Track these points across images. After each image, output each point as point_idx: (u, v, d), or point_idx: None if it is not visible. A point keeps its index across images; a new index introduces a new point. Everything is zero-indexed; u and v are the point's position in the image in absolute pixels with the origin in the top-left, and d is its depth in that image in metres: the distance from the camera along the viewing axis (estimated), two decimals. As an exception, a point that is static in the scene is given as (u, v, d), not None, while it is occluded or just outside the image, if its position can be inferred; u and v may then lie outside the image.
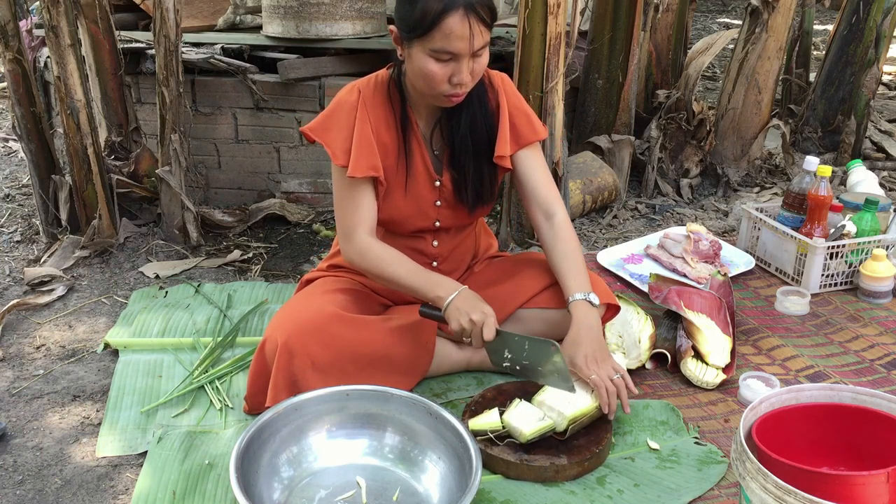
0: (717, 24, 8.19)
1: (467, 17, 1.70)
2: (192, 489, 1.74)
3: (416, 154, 1.97)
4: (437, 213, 2.04)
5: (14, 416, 2.03)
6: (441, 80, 1.77)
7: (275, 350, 1.86)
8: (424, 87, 1.82)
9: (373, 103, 1.92)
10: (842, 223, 2.65)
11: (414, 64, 1.79)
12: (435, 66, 1.75)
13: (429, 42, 1.73)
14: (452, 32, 1.70)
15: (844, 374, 2.19)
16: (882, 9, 3.87)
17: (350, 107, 1.91)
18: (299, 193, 3.38)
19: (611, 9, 3.52)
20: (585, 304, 1.92)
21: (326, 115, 1.94)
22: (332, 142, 1.91)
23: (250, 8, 3.76)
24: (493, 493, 1.72)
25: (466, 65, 1.76)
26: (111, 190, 2.93)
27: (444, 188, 2.01)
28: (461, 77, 1.77)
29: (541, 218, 2.05)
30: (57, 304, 2.58)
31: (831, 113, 4.07)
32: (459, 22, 1.70)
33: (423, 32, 1.72)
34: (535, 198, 2.05)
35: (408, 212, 2.00)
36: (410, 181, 1.98)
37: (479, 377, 2.14)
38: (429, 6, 1.70)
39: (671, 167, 3.63)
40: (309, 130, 1.94)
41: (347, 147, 1.90)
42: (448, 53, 1.73)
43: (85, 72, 2.84)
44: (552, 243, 2.03)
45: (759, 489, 1.38)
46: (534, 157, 2.06)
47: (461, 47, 1.73)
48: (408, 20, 1.74)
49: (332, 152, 1.91)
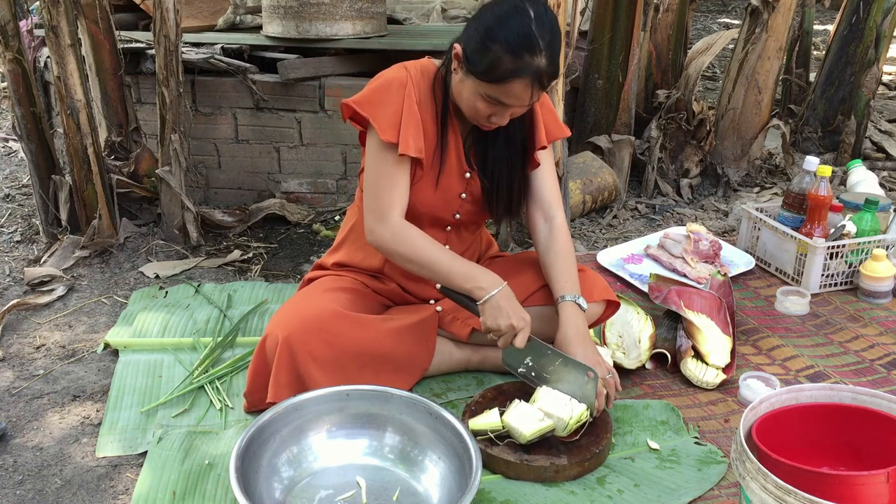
0: (717, 24, 8.19)
1: (532, 85, 1.73)
2: (192, 489, 1.74)
3: (451, 145, 1.97)
4: (460, 205, 2.03)
5: (14, 416, 2.03)
6: (482, 115, 1.82)
7: (275, 346, 1.86)
8: (463, 108, 1.86)
9: (419, 86, 1.91)
10: (842, 223, 2.65)
11: (465, 90, 1.82)
12: (482, 105, 1.79)
13: (487, 88, 1.76)
14: (513, 93, 1.75)
15: (844, 374, 2.19)
16: (882, 9, 3.87)
17: (399, 84, 1.87)
18: (299, 193, 3.38)
19: (611, 9, 3.52)
20: (575, 306, 1.93)
21: (373, 89, 1.88)
22: (379, 116, 1.85)
23: (250, 8, 3.76)
24: (493, 493, 1.72)
25: (510, 112, 1.81)
26: (111, 190, 2.93)
27: (472, 182, 2.01)
28: (501, 121, 1.83)
29: (540, 219, 2.06)
30: (57, 304, 2.58)
31: (831, 113, 4.07)
32: (524, 88, 1.74)
33: (486, 80, 1.75)
34: (539, 198, 2.06)
35: (434, 200, 1.99)
36: (443, 170, 1.97)
37: (479, 377, 2.14)
38: (501, 63, 1.71)
39: (671, 167, 3.63)
40: (354, 104, 1.87)
41: (395, 122, 1.85)
42: (501, 104, 1.78)
43: (85, 72, 2.84)
44: (547, 243, 2.04)
45: (759, 489, 1.38)
46: (547, 157, 2.07)
47: (515, 105, 1.78)
48: (475, 61, 1.75)
49: (380, 126, 1.84)
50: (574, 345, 1.87)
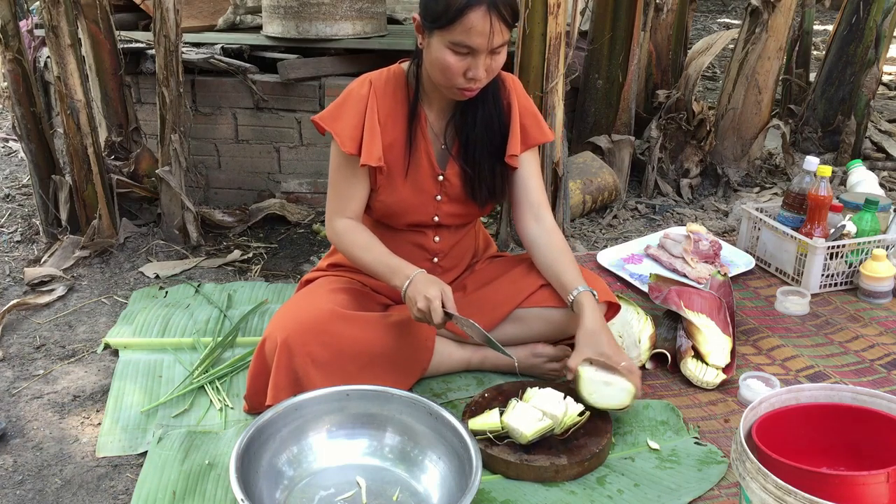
0: (717, 24, 8.19)
1: (489, 13, 1.73)
2: (192, 489, 1.74)
3: (420, 148, 1.99)
4: (437, 207, 2.04)
5: (14, 416, 2.03)
6: (457, 73, 1.80)
7: (274, 349, 1.86)
8: (440, 78, 1.84)
9: (383, 95, 1.96)
10: (842, 223, 2.65)
11: (432, 54, 1.81)
12: (452, 59, 1.78)
13: (449, 34, 1.75)
14: (473, 27, 1.73)
15: (844, 374, 2.19)
16: (882, 9, 3.87)
17: (360, 98, 1.94)
18: (299, 193, 3.38)
19: (611, 9, 3.52)
20: (591, 297, 1.94)
21: (337, 105, 1.97)
22: (341, 130, 1.93)
23: (250, 8, 3.76)
24: (493, 493, 1.72)
25: (483, 61, 1.79)
26: (111, 190, 2.93)
27: (447, 183, 2.02)
28: (477, 72, 1.80)
29: (531, 220, 2.07)
30: (57, 304, 2.58)
31: (831, 113, 4.07)
32: (481, 18, 1.73)
33: (444, 24, 1.75)
34: (528, 200, 2.06)
35: (407, 204, 2.02)
36: (412, 174, 1.99)
37: (479, 377, 2.14)
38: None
39: (671, 167, 3.63)
40: (319, 119, 1.97)
41: (355, 136, 1.93)
42: (466, 47, 1.76)
43: (85, 72, 2.84)
44: (544, 241, 2.04)
45: (759, 489, 1.38)
46: (533, 160, 2.09)
47: (480, 43, 1.75)
48: (431, 10, 1.77)
49: (341, 140, 1.92)
50: (604, 333, 1.89)
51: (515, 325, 2.08)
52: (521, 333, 2.08)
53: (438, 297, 1.82)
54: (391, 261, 1.93)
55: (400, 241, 2.06)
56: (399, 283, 1.88)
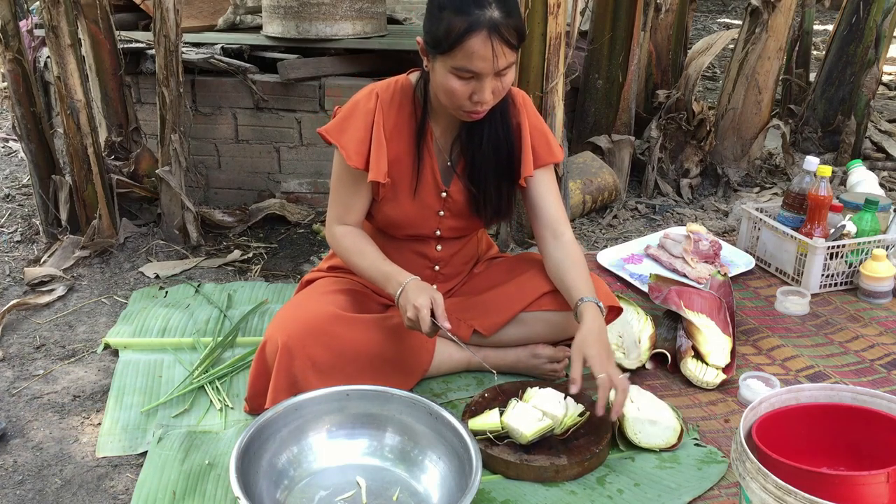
0: (717, 24, 8.19)
1: (490, 38, 1.70)
2: (192, 489, 1.74)
3: (426, 164, 1.98)
4: (439, 222, 2.05)
5: (14, 416, 2.03)
6: (462, 97, 1.78)
7: (275, 351, 1.86)
8: (446, 102, 1.83)
9: (390, 108, 1.94)
10: (842, 223, 2.65)
11: (437, 78, 1.80)
12: (456, 83, 1.76)
13: (451, 60, 1.73)
14: (475, 53, 1.71)
15: (844, 374, 2.19)
16: (882, 9, 3.87)
17: (367, 112, 1.93)
18: (299, 193, 3.38)
19: (611, 9, 3.52)
20: (595, 308, 1.91)
21: (343, 117, 1.95)
22: (347, 144, 1.92)
23: (250, 8, 3.76)
24: (493, 493, 1.72)
25: (488, 84, 1.76)
26: (111, 190, 2.93)
27: (450, 199, 2.02)
28: (482, 96, 1.77)
29: (549, 237, 2.04)
30: (57, 304, 2.58)
31: (831, 113, 4.07)
32: (482, 43, 1.70)
33: (446, 50, 1.73)
34: (545, 218, 2.04)
35: (410, 218, 2.02)
36: (418, 189, 1.99)
37: (479, 377, 2.14)
38: (453, 25, 1.70)
39: (671, 167, 3.63)
40: (325, 132, 1.97)
41: (361, 150, 1.92)
42: (469, 72, 1.74)
43: (85, 72, 2.84)
44: (559, 256, 2.01)
45: (759, 489, 1.38)
46: (546, 177, 2.05)
47: (483, 67, 1.73)
48: (433, 36, 1.75)
49: (347, 154, 1.92)
50: (589, 344, 1.84)
51: (517, 327, 2.08)
52: (523, 335, 2.08)
53: (427, 306, 1.80)
54: (385, 267, 1.92)
55: (402, 249, 2.06)
56: (392, 290, 1.87)
